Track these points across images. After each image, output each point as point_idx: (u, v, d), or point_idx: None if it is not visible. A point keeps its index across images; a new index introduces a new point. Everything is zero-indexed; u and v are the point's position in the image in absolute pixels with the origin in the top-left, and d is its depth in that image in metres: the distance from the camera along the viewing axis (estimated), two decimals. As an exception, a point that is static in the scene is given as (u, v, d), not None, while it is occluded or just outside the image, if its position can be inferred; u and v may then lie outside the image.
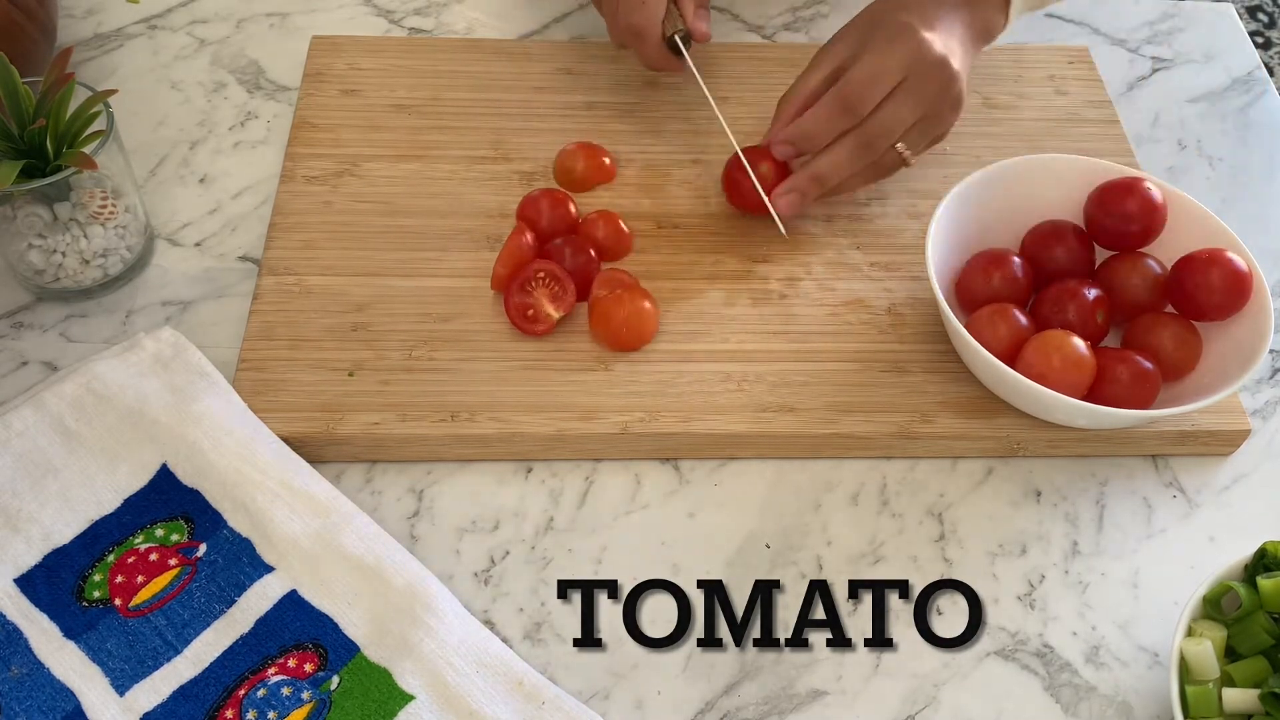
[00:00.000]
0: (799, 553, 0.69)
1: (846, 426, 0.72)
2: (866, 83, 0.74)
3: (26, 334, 0.75)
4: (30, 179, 0.70)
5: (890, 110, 0.75)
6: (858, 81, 0.75)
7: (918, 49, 0.75)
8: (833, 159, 0.76)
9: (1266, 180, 0.91)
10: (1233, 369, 0.70)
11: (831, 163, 0.76)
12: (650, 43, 0.82)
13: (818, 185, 0.77)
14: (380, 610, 0.63)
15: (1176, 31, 1.01)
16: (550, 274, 0.74)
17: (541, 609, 0.66)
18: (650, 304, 0.75)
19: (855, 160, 0.76)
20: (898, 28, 0.75)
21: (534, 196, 0.80)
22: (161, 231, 0.81)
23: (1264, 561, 0.63)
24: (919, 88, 0.75)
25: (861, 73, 0.75)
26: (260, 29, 0.94)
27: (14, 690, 0.60)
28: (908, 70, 0.75)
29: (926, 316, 0.78)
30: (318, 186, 0.82)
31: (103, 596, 0.63)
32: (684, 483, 0.72)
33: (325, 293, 0.76)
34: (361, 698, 0.61)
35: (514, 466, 0.72)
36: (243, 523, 0.66)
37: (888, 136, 0.75)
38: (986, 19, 0.81)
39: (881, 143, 0.76)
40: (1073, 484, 0.73)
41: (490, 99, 0.88)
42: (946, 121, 0.78)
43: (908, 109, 0.75)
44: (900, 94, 0.75)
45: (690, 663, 0.65)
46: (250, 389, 0.71)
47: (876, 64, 0.74)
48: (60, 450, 0.68)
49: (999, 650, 0.67)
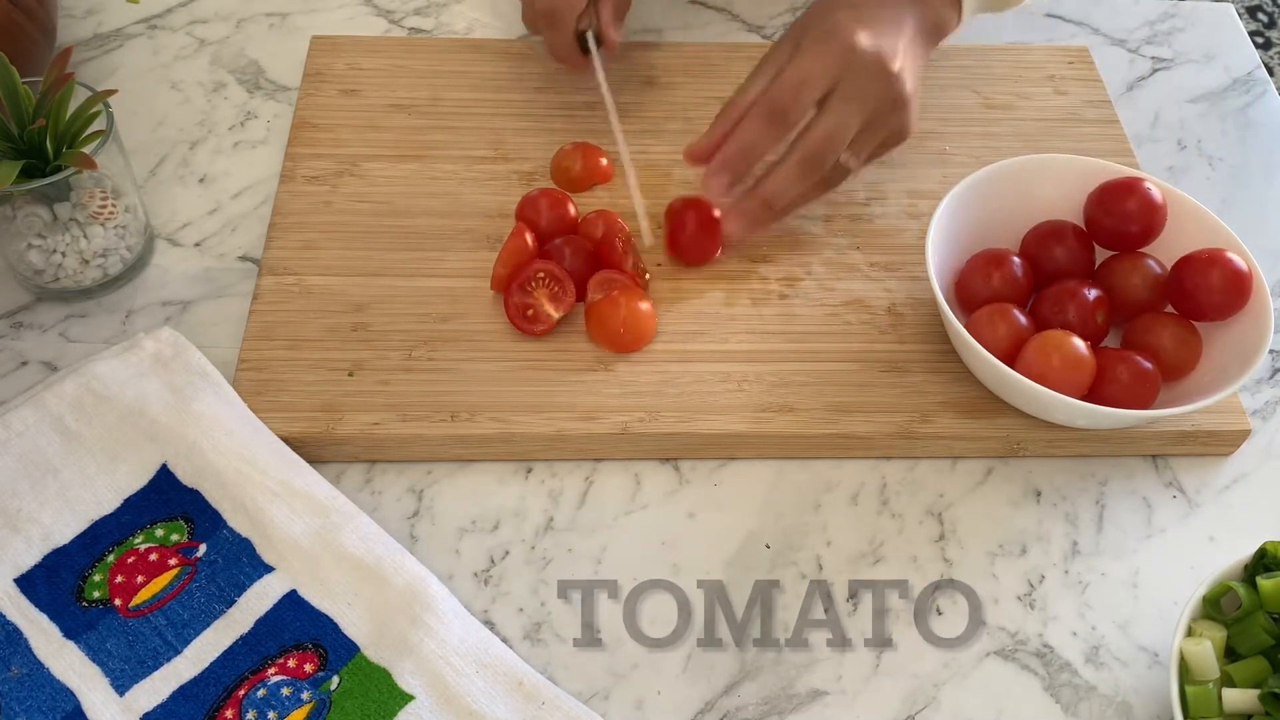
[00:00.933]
0: (799, 553, 0.69)
1: (846, 426, 0.72)
2: (794, 87, 0.70)
3: (26, 334, 0.75)
4: (30, 179, 0.70)
5: (830, 119, 0.70)
6: (785, 86, 0.70)
7: (850, 49, 0.70)
8: (779, 180, 0.72)
9: (1266, 180, 0.91)
10: (1233, 369, 0.70)
11: (778, 184, 0.72)
12: (561, 31, 0.80)
13: (766, 209, 0.73)
14: (380, 610, 0.63)
15: (1176, 31, 1.01)
16: (550, 274, 0.74)
17: (541, 609, 0.66)
18: (648, 304, 0.75)
19: (803, 178, 0.72)
20: (830, 27, 0.70)
21: (533, 196, 0.80)
22: (161, 231, 0.81)
23: (1264, 561, 0.63)
24: (855, 91, 0.70)
25: (789, 78, 0.70)
26: (260, 29, 0.94)
27: (14, 690, 0.60)
28: (840, 72, 0.70)
29: (926, 316, 0.78)
30: (318, 186, 0.82)
31: (103, 597, 0.63)
32: (684, 483, 0.72)
33: (325, 293, 0.76)
34: (361, 698, 0.61)
35: (514, 466, 0.72)
36: (243, 523, 0.66)
37: (833, 148, 0.71)
38: (938, 15, 0.76)
39: (828, 155, 0.71)
40: (1073, 484, 0.73)
41: (490, 99, 0.88)
42: (892, 123, 0.73)
43: (848, 114, 0.70)
44: (836, 101, 0.70)
45: (690, 663, 0.65)
46: (250, 389, 0.71)
47: (805, 68, 0.70)
48: (60, 450, 0.68)
49: (999, 650, 0.67)
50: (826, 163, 0.72)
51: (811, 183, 0.73)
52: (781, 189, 0.72)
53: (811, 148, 0.71)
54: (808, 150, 0.71)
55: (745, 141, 0.71)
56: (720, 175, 0.72)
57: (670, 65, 0.91)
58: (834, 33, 0.70)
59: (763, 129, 0.71)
